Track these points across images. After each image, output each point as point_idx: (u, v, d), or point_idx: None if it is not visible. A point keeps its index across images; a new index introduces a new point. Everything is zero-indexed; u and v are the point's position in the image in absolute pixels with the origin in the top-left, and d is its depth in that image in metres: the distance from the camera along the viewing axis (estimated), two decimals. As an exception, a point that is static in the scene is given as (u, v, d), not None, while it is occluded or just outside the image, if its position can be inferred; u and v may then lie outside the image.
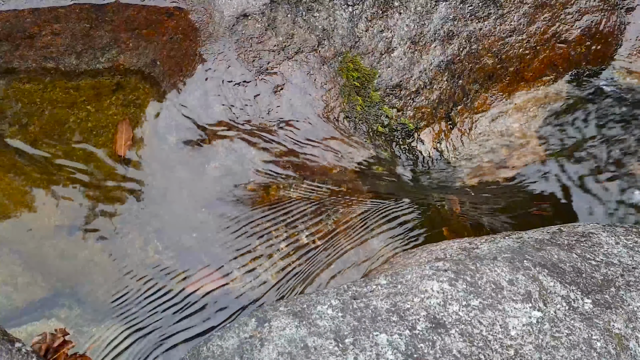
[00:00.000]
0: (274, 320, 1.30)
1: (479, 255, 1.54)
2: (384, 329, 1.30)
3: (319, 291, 1.41)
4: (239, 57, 2.10)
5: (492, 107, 2.39)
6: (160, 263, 1.75)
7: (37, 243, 1.73)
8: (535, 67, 2.42)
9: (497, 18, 2.35)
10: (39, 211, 1.77)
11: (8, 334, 1.38)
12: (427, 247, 1.79)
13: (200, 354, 1.26)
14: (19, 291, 1.65)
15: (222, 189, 1.91)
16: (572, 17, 2.42)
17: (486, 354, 1.29)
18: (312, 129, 2.08)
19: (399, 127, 2.24)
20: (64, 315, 1.65)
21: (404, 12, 2.27)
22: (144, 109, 1.99)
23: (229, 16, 2.12)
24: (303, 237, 1.87)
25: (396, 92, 2.24)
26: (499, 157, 2.29)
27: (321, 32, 2.20)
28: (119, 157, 1.90)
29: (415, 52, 2.27)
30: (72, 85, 1.99)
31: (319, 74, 2.16)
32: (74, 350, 1.57)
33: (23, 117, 1.91)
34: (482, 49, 2.35)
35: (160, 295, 1.70)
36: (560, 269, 1.49)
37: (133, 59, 2.04)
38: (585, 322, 1.39)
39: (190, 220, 1.84)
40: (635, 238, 1.65)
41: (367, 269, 1.83)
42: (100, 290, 1.69)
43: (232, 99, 2.04)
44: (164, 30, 2.09)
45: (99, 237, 1.77)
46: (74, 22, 2.03)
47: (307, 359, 1.24)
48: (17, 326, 1.60)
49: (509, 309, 1.38)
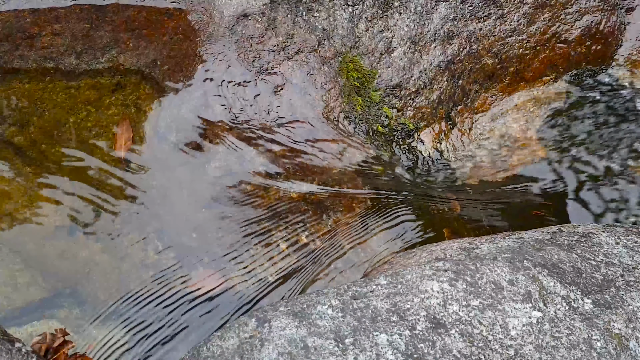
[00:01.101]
0: (274, 320, 1.30)
1: (479, 255, 1.54)
2: (384, 329, 1.30)
3: (319, 291, 1.41)
4: (239, 57, 2.10)
5: (492, 107, 2.39)
6: (160, 263, 1.75)
7: (37, 243, 1.73)
8: (535, 67, 2.42)
9: (497, 18, 2.35)
10: (39, 211, 1.77)
11: (8, 334, 1.38)
12: (427, 247, 1.79)
13: (200, 354, 1.26)
14: (19, 291, 1.65)
15: (222, 189, 1.91)
16: (572, 17, 2.42)
17: (486, 354, 1.29)
18: (312, 129, 2.08)
19: (399, 127, 2.24)
20: (64, 315, 1.65)
21: (404, 12, 2.27)
22: (144, 109, 1.99)
23: (229, 16, 2.12)
24: (303, 237, 1.87)
25: (396, 92, 2.24)
26: (499, 157, 2.29)
27: (321, 32, 2.20)
28: (119, 157, 1.90)
29: (415, 52, 2.27)
30: (72, 85, 1.99)
31: (319, 74, 2.16)
32: (74, 350, 1.57)
33: (23, 117, 1.91)
34: (482, 49, 2.35)
35: (160, 296, 1.70)
36: (560, 269, 1.49)
37: (133, 59, 2.05)
38: (585, 322, 1.39)
39: (190, 220, 1.84)
40: (635, 238, 1.65)
41: (367, 269, 1.83)
42: (100, 291, 1.69)
43: (232, 99, 2.04)
44: (164, 30, 2.09)
45: (99, 237, 1.77)
46: (74, 23, 2.03)
47: (307, 359, 1.24)
48: (17, 326, 1.60)
49: (509, 309, 1.38)
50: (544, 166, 2.24)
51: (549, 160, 2.25)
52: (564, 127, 2.34)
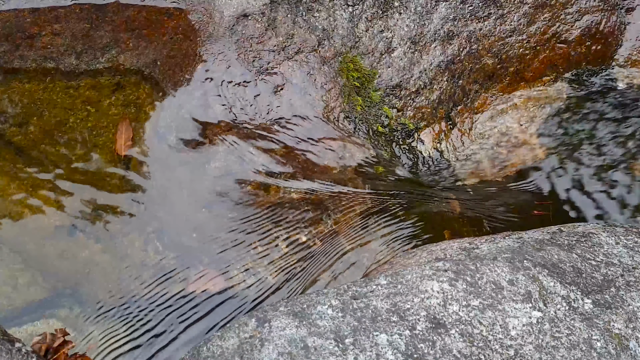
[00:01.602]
0: (274, 321, 1.30)
1: (479, 255, 1.54)
2: (384, 329, 1.30)
3: (319, 291, 1.41)
4: (239, 57, 2.10)
5: (492, 107, 2.39)
6: (160, 263, 1.75)
7: (37, 243, 1.73)
8: (535, 67, 2.42)
9: (497, 18, 2.35)
10: (39, 211, 1.78)
11: (8, 334, 1.38)
12: (427, 247, 1.79)
13: (200, 354, 1.26)
14: (19, 291, 1.65)
15: (222, 189, 1.91)
16: (572, 17, 2.42)
17: (486, 354, 1.29)
18: (312, 129, 2.08)
19: (399, 127, 2.24)
20: (64, 315, 1.65)
21: (404, 12, 2.27)
22: (144, 109, 1.99)
23: (229, 16, 2.12)
24: (303, 236, 1.87)
25: (396, 92, 2.24)
26: (499, 157, 2.29)
27: (321, 32, 2.20)
28: (119, 157, 1.90)
29: (415, 52, 2.27)
30: (72, 85, 1.99)
31: (319, 74, 2.16)
32: (74, 350, 1.57)
33: (23, 117, 1.91)
34: (482, 49, 2.35)
35: (160, 296, 1.70)
36: (560, 269, 1.49)
37: (133, 59, 2.05)
38: (585, 322, 1.39)
39: (190, 221, 1.84)
40: (635, 238, 1.65)
41: (367, 269, 1.83)
42: (100, 291, 1.69)
43: (232, 99, 2.04)
44: (164, 30, 2.09)
45: (99, 237, 1.77)
46: (74, 22, 2.03)
47: (307, 359, 1.24)
48: (17, 326, 1.60)
49: (509, 309, 1.38)
50: (544, 166, 2.24)
51: (549, 160, 2.25)
52: (564, 127, 2.34)
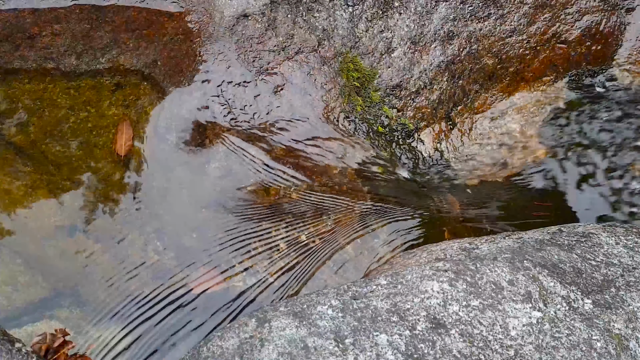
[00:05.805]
0: (274, 321, 1.30)
1: (479, 255, 1.54)
2: (384, 329, 1.30)
3: (319, 291, 1.41)
4: (239, 58, 2.10)
5: (493, 108, 2.39)
6: (161, 263, 1.75)
7: (37, 243, 1.73)
8: (536, 67, 2.42)
9: (497, 18, 2.35)
10: (39, 211, 1.78)
11: (8, 334, 1.38)
12: (427, 247, 1.79)
13: (200, 354, 1.26)
14: (19, 291, 1.65)
15: (222, 189, 1.91)
16: (572, 18, 2.42)
17: (486, 354, 1.29)
18: (312, 129, 2.08)
19: (399, 127, 2.24)
20: (64, 315, 1.65)
21: (404, 13, 2.27)
22: (144, 110, 1.99)
23: (229, 16, 2.12)
24: (303, 236, 1.87)
25: (396, 92, 2.24)
26: (499, 157, 2.29)
27: (321, 32, 2.20)
28: (119, 157, 1.90)
29: (415, 52, 2.27)
30: (72, 86, 1.99)
31: (319, 74, 2.16)
32: (74, 350, 1.57)
33: (23, 117, 1.91)
34: (482, 49, 2.35)
35: (160, 296, 1.70)
36: (560, 269, 1.49)
37: (133, 60, 2.05)
38: (585, 323, 1.39)
39: (190, 221, 1.84)
40: (635, 238, 1.65)
41: (367, 269, 1.83)
42: (100, 291, 1.69)
43: (232, 100, 2.04)
44: (164, 30, 2.09)
45: (99, 237, 1.77)
46: (74, 23, 2.04)
47: (307, 359, 1.24)
48: (17, 326, 1.60)
49: (509, 309, 1.38)
50: (544, 166, 2.24)
51: (549, 160, 2.25)
52: (564, 127, 2.34)
